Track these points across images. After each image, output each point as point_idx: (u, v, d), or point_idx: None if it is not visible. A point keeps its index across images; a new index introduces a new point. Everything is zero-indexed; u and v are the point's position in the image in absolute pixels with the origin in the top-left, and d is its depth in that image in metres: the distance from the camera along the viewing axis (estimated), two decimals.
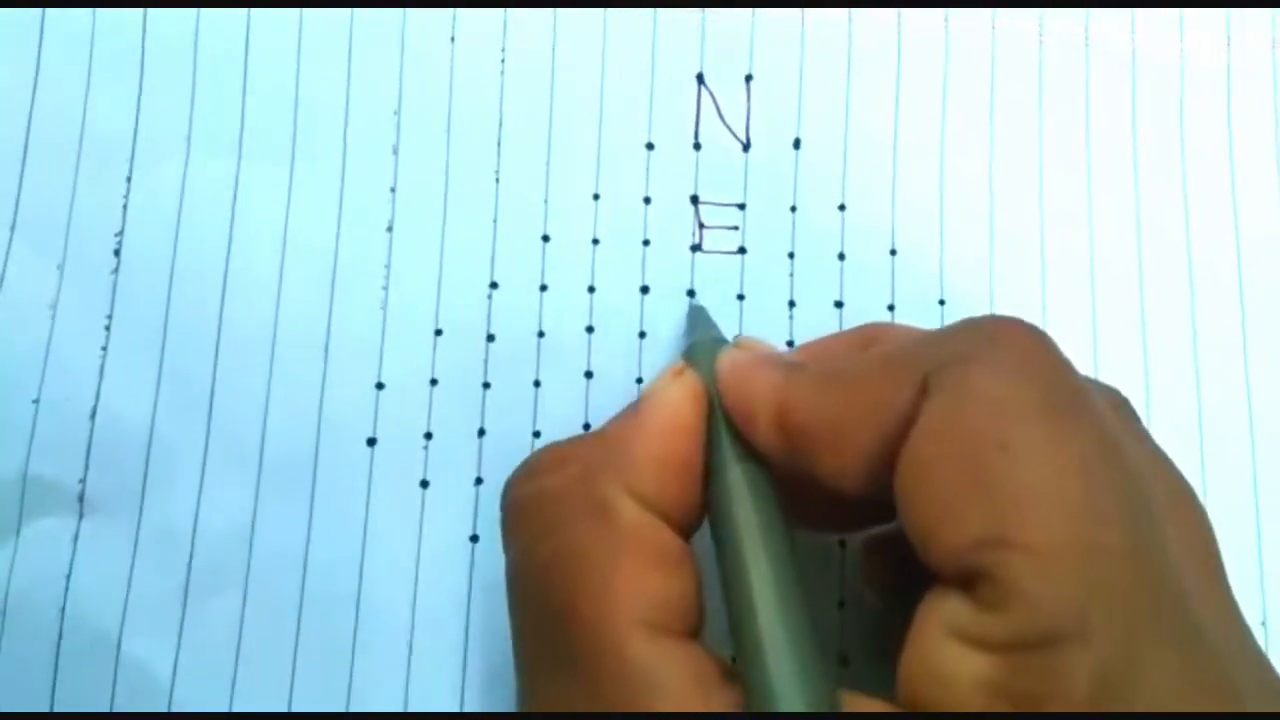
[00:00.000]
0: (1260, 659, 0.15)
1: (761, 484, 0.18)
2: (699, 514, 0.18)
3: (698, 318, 0.23)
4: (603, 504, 0.17)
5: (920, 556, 0.15)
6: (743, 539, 0.17)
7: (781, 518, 0.18)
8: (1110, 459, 0.15)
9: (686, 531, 0.18)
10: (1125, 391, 0.19)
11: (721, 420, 0.19)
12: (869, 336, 0.21)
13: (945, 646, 0.14)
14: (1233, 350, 0.25)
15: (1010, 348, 0.16)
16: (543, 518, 0.18)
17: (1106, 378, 0.20)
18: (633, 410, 0.19)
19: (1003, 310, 0.24)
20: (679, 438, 0.18)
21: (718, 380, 0.19)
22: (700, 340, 0.21)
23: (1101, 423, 0.15)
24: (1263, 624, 0.24)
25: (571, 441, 0.19)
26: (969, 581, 0.14)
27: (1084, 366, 0.24)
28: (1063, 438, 0.14)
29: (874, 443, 0.16)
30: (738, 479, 0.18)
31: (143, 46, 0.24)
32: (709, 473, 0.18)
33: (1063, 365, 0.16)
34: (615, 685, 0.15)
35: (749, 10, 0.25)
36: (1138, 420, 0.19)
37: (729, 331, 0.23)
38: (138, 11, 0.24)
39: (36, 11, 0.24)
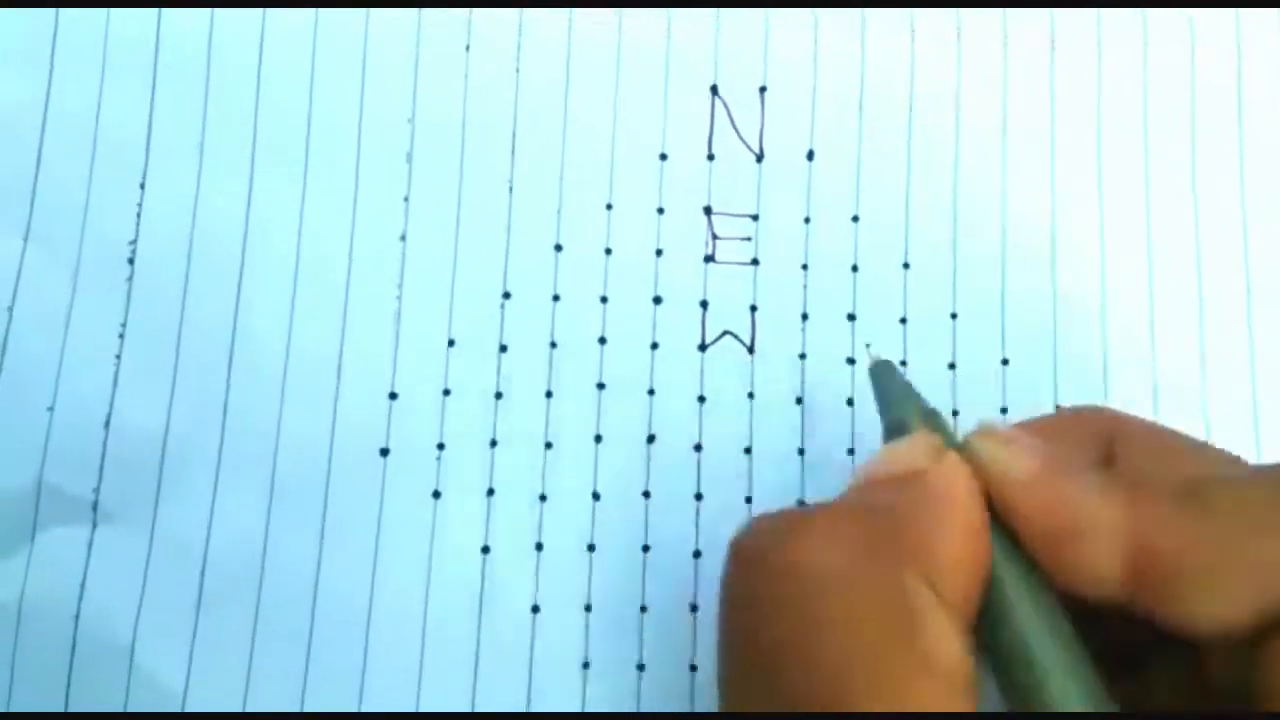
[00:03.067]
0: None
1: (1041, 593, 0.16)
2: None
3: (890, 378, 0.20)
4: (909, 612, 0.14)
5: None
6: (1047, 669, 0.15)
7: (1069, 626, 0.15)
8: None
9: None
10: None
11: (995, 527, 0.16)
12: (1103, 428, 0.18)
13: None
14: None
15: None
16: (816, 600, 0.15)
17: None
18: (904, 490, 0.16)
19: (1012, 334, 0.25)
20: (981, 541, 0.15)
21: (1008, 492, 0.16)
22: (909, 416, 0.18)
23: None
24: None
25: (820, 520, 0.16)
26: None
27: (1096, 386, 0.24)
28: None
29: (1275, 592, 0.14)
30: (1023, 593, 0.15)
31: (156, 55, 0.24)
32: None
33: None
34: None
35: (763, 22, 0.25)
36: None
37: (738, 339, 0.23)
38: (151, 20, 0.24)
39: (49, 21, 0.24)
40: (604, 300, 0.24)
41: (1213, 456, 0.17)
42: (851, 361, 0.25)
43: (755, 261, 0.25)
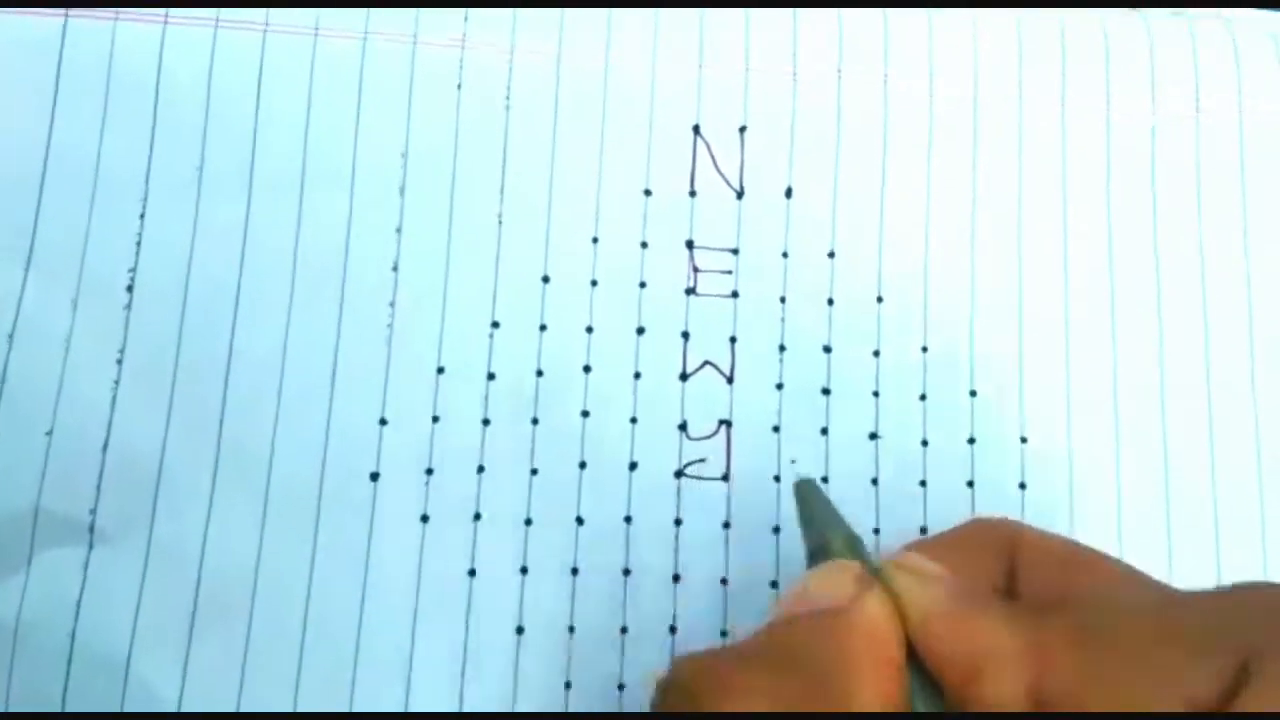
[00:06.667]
0: None
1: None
2: None
3: (815, 500, 0.21)
4: None
5: None
6: None
7: None
8: None
9: None
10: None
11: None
12: (1001, 543, 0.19)
13: None
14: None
15: None
16: None
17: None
18: (822, 627, 0.16)
19: (981, 368, 0.26)
20: (894, 681, 0.16)
21: (922, 628, 0.16)
22: (833, 543, 0.19)
23: None
24: None
25: (742, 657, 0.17)
26: None
27: (1059, 419, 0.25)
28: None
29: None
30: None
31: (157, 86, 0.25)
32: None
33: None
34: None
35: (743, 65, 0.27)
36: None
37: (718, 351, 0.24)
38: (153, 53, 0.25)
39: (53, 52, 0.25)
40: (589, 330, 0.25)
41: (1107, 572, 0.18)
42: (827, 392, 0.26)
43: (735, 294, 0.26)
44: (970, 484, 0.25)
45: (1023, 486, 0.26)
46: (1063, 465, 0.26)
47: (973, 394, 0.26)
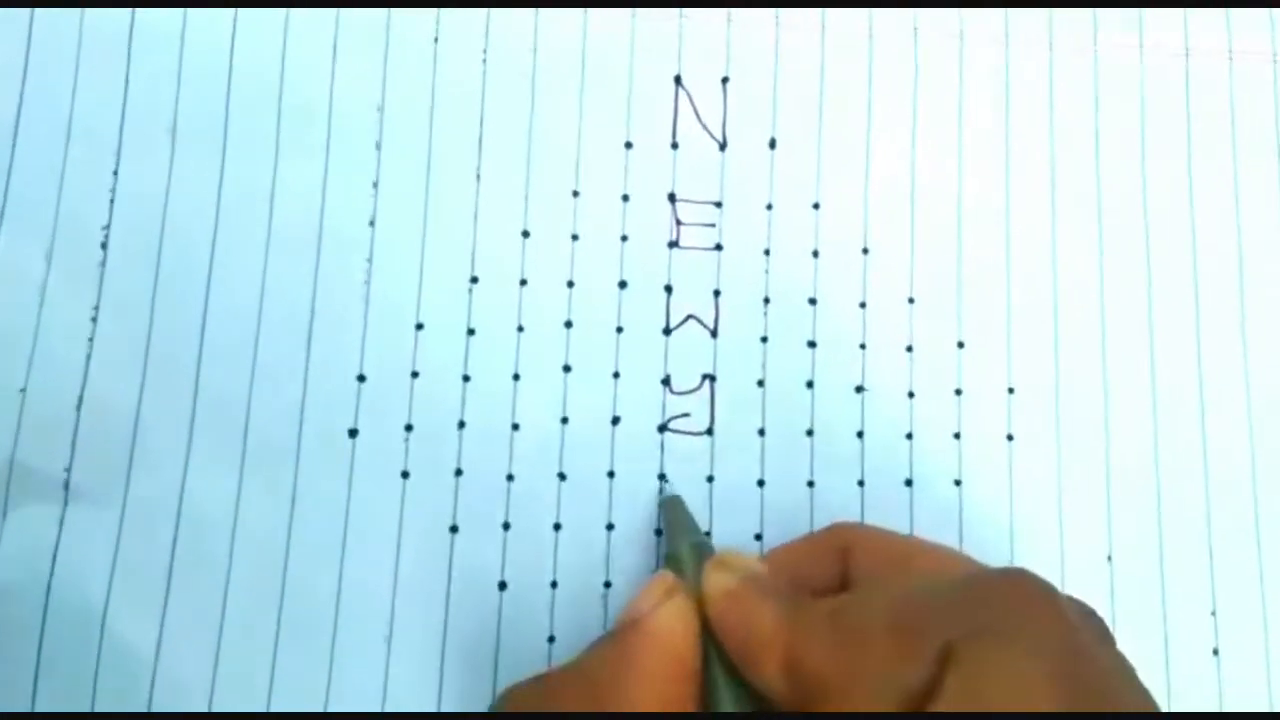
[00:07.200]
0: None
1: (746, 701, 0.18)
2: None
3: (675, 513, 0.23)
4: None
5: None
6: None
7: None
8: None
9: None
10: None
11: (713, 647, 0.18)
12: (842, 543, 0.21)
13: None
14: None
15: (1026, 624, 0.16)
16: None
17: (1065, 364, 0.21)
18: (620, 640, 0.18)
19: (968, 317, 0.25)
20: (680, 683, 0.18)
21: (712, 614, 0.18)
22: (681, 550, 0.21)
23: (1117, 701, 0.15)
24: (1212, 613, 0.25)
25: (550, 682, 0.18)
26: None
27: (1046, 369, 0.25)
28: None
29: (892, 705, 0.15)
30: (730, 703, 0.18)
31: (129, 42, 0.25)
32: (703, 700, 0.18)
33: (1076, 637, 0.16)
34: None
35: (725, 15, 0.26)
36: (1109, 638, 0.18)
37: (702, 314, 0.24)
38: (126, 6, 0.25)
39: (25, 10, 0.25)
40: (570, 285, 0.25)
41: (935, 560, 0.20)
42: (813, 345, 0.25)
43: (719, 247, 0.25)
44: (957, 436, 0.25)
45: (1010, 438, 0.25)
46: (1050, 415, 0.25)
47: (960, 345, 0.25)
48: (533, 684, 0.18)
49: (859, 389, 0.25)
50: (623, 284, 0.25)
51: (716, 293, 0.25)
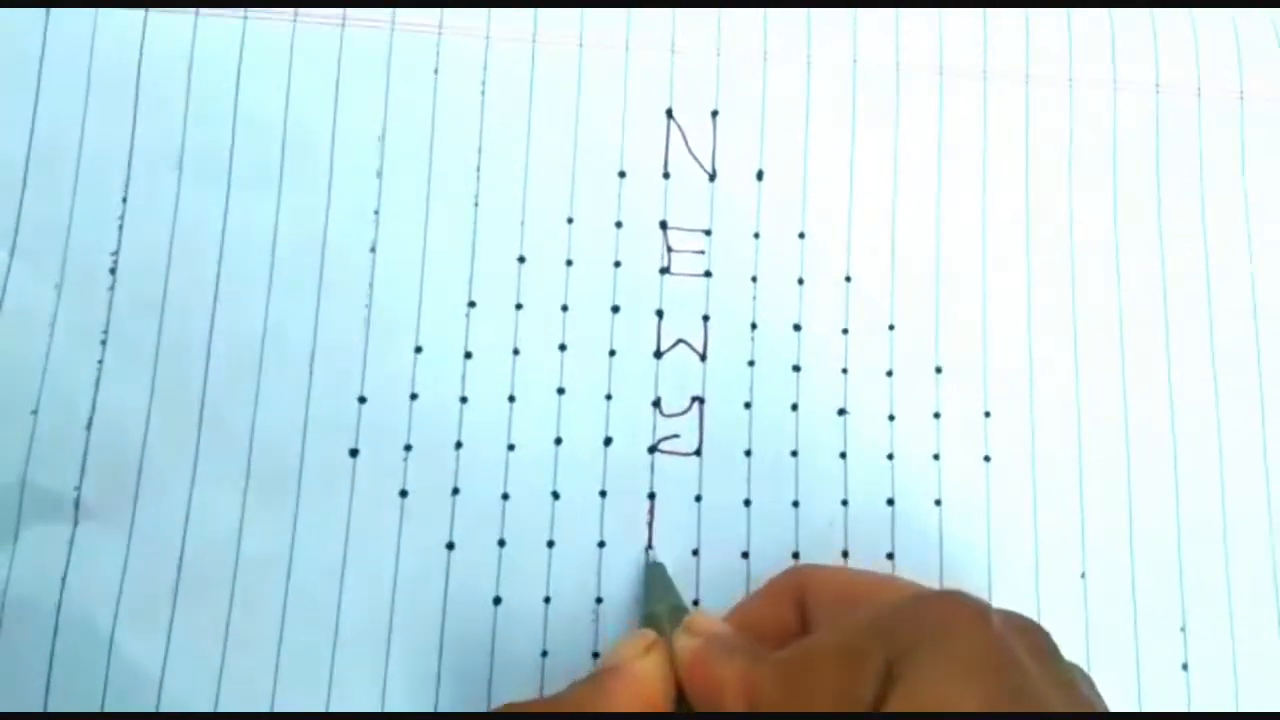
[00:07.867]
0: None
1: None
2: None
3: (657, 578, 0.24)
4: None
5: None
6: None
7: None
8: None
9: None
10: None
11: (685, 705, 0.20)
12: (797, 587, 0.22)
13: None
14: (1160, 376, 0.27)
15: (957, 638, 0.17)
16: None
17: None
18: (600, 683, 0.20)
19: (946, 343, 0.26)
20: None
21: (682, 674, 0.20)
22: (660, 610, 0.22)
23: (1044, 705, 0.17)
24: (1182, 629, 0.26)
25: (535, 707, 0.20)
26: None
27: (1021, 393, 0.26)
28: None
29: None
30: None
31: (138, 71, 0.26)
32: None
33: (1003, 647, 0.17)
34: None
35: (715, 51, 0.27)
36: (1049, 649, 0.19)
37: (690, 338, 0.25)
38: (134, 38, 0.26)
39: (36, 38, 0.25)
40: (565, 309, 0.26)
41: (882, 589, 0.21)
42: (797, 369, 0.26)
43: (708, 274, 0.26)
44: (936, 457, 0.26)
45: (987, 459, 0.26)
46: (1025, 438, 0.26)
47: (938, 370, 0.26)
48: (522, 704, 0.20)
49: (841, 412, 0.26)
50: (615, 309, 0.26)
51: (705, 318, 0.26)
